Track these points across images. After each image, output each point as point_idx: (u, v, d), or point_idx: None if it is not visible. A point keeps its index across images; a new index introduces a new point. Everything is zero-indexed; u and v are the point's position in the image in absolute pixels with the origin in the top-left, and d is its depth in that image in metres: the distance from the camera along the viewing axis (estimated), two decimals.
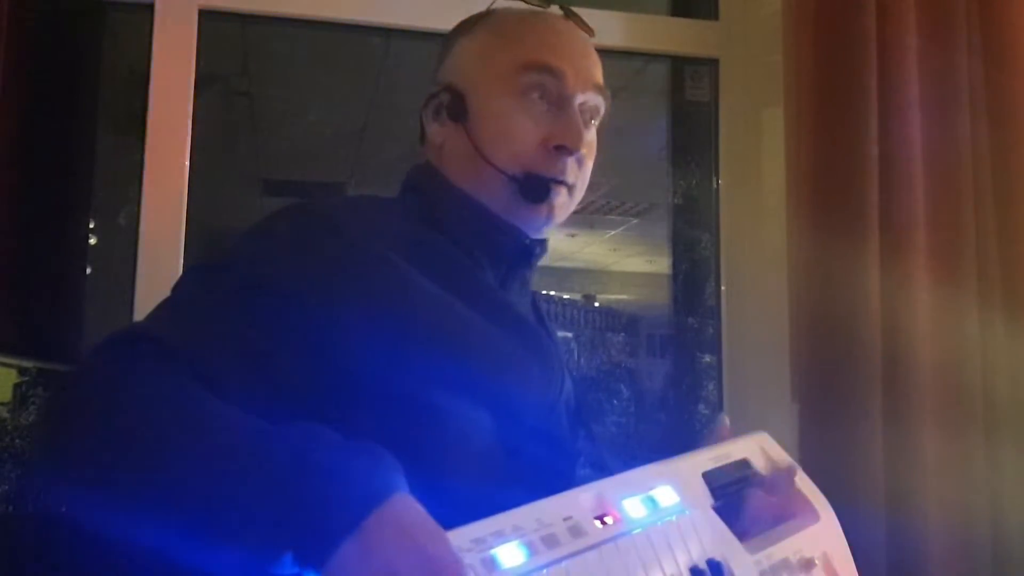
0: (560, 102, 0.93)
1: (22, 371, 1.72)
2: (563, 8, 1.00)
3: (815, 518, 0.87)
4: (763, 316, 1.72)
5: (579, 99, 0.94)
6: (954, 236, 1.49)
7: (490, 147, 0.92)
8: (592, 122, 0.97)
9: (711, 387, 1.88)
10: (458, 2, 1.05)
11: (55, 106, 1.70)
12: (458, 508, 0.62)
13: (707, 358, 1.89)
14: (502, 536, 0.62)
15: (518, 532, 0.62)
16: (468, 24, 1.00)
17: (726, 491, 0.79)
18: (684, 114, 1.93)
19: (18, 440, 1.64)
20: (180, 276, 0.83)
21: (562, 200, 0.94)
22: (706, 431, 0.97)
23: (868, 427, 1.40)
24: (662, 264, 2.01)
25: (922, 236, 1.47)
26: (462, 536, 0.61)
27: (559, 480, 0.75)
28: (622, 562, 0.66)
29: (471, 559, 0.59)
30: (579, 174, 0.95)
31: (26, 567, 1.15)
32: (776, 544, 0.80)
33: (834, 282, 1.45)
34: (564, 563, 0.63)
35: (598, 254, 6.07)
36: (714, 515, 0.76)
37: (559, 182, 0.93)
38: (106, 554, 0.63)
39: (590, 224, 5.15)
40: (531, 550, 0.62)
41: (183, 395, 0.66)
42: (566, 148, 0.92)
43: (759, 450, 0.89)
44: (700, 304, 1.90)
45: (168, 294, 0.81)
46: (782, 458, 0.90)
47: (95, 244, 1.80)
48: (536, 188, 0.92)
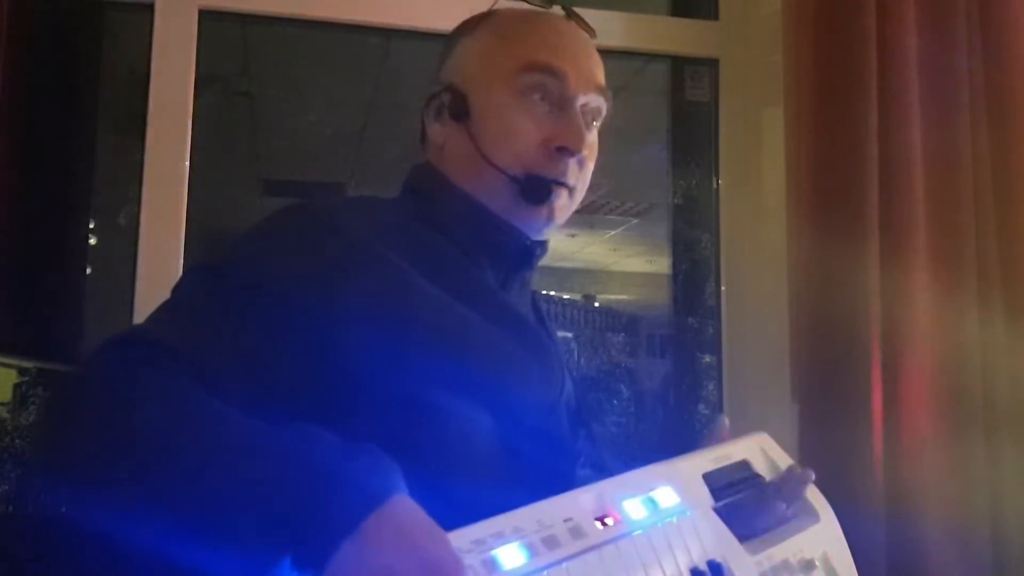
0: (562, 103, 0.92)
1: (22, 371, 1.72)
2: (565, 9, 1.00)
3: (815, 519, 0.87)
4: (763, 316, 1.72)
5: (581, 100, 0.93)
6: (954, 236, 1.49)
7: (491, 147, 0.91)
8: (594, 123, 0.96)
9: (711, 387, 1.88)
10: (458, 2, 1.05)
11: (55, 106, 1.70)
12: (458, 509, 0.62)
13: (707, 358, 1.89)
14: (503, 537, 0.62)
15: (519, 533, 0.63)
16: (470, 24, 1.00)
17: (726, 492, 0.79)
18: (684, 114, 1.93)
19: (18, 440, 1.65)
20: (180, 277, 0.82)
21: (563, 202, 0.94)
22: (706, 431, 0.97)
23: (868, 427, 1.40)
24: (662, 264, 2.01)
25: (922, 236, 1.47)
26: (463, 537, 0.61)
27: (559, 481, 0.75)
28: (622, 563, 0.66)
29: (472, 560, 0.59)
30: (580, 176, 0.95)
31: (26, 567, 1.15)
32: (776, 545, 0.80)
33: (834, 282, 1.45)
34: (564, 564, 0.63)
35: (598, 254, 6.07)
36: (715, 516, 0.76)
37: (560, 184, 0.92)
38: (105, 555, 0.63)
39: (590, 224, 5.15)
40: (532, 551, 0.62)
41: (183, 397, 0.66)
42: (567, 150, 0.91)
43: (759, 451, 0.89)
44: (700, 304, 1.89)
45: (168, 295, 0.81)
46: (783, 459, 0.90)
47: (95, 244, 1.81)
48: (537, 189, 0.91)
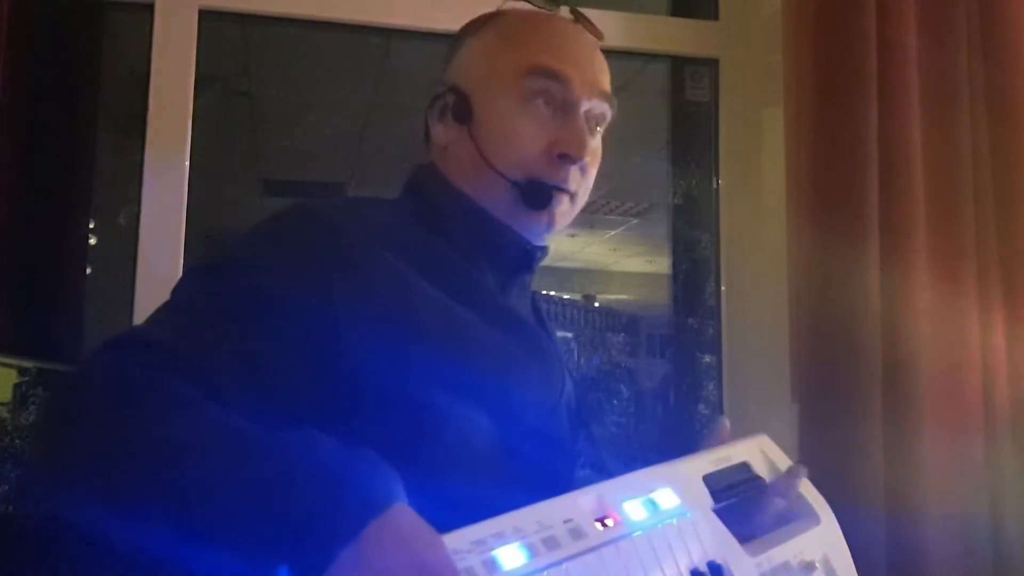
0: (565, 108, 0.91)
1: (22, 371, 1.72)
2: (572, 11, 0.98)
3: (816, 521, 0.87)
4: (763, 316, 1.72)
5: (584, 106, 0.92)
6: (954, 236, 1.49)
7: (493, 151, 0.90)
8: (597, 129, 0.95)
9: (711, 387, 1.88)
10: (459, 2, 1.04)
11: (55, 106, 1.70)
12: (458, 510, 0.62)
13: (707, 358, 1.89)
14: (503, 538, 0.62)
15: (519, 534, 0.63)
16: (476, 24, 0.98)
17: (727, 494, 0.79)
18: (684, 114, 1.93)
19: (18, 440, 1.65)
20: (180, 278, 0.82)
21: (564, 208, 0.93)
22: (706, 431, 0.97)
23: (868, 427, 1.39)
24: (662, 264, 2.01)
25: (922, 236, 1.47)
26: (463, 538, 0.61)
27: (559, 482, 0.75)
28: (623, 564, 0.66)
29: (472, 560, 0.59)
30: (582, 182, 0.94)
31: (26, 567, 1.15)
32: (777, 547, 0.80)
33: (834, 282, 1.45)
34: (564, 565, 0.63)
35: (598, 254, 6.07)
36: (715, 518, 0.76)
37: (561, 190, 0.91)
38: (104, 557, 0.63)
39: (590, 224, 5.15)
40: (532, 552, 0.62)
41: (182, 399, 0.66)
42: (569, 156, 0.90)
43: (759, 453, 0.89)
44: (700, 304, 1.89)
45: (168, 295, 0.81)
46: (782, 461, 0.90)
47: (95, 244, 1.81)
48: (538, 195, 0.90)
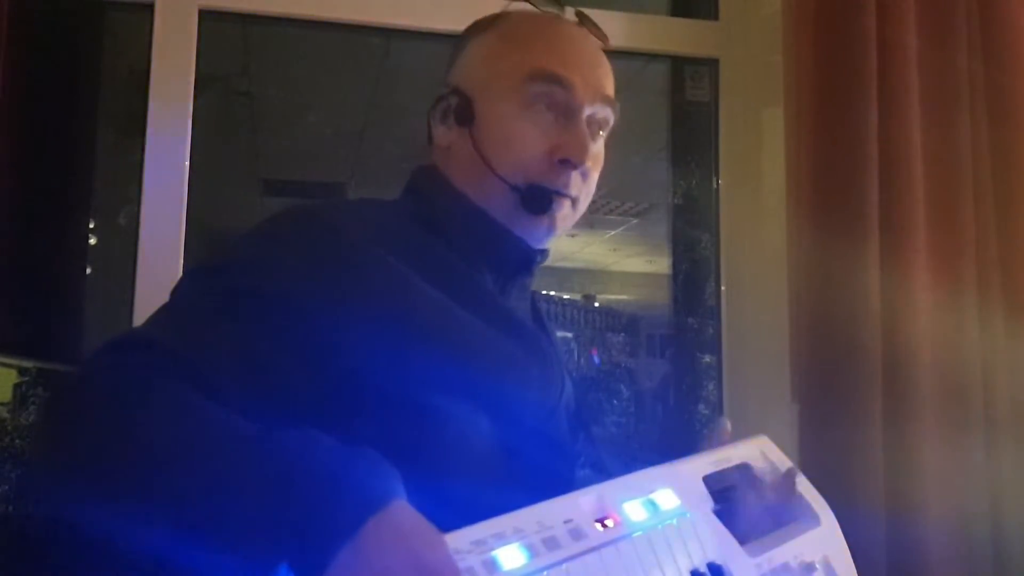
0: (568, 113, 0.90)
1: (22, 371, 1.72)
2: (577, 13, 0.97)
3: (816, 522, 0.87)
4: (763, 316, 1.72)
5: (587, 111, 0.91)
6: (954, 236, 1.49)
7: (494, 155, 0.90)
8: (600, 133, 0.94)
9: (711, 387, 1.88)
10: (458, 2, 1.04)
11: (55, 106, 1.70)
12: (458, 510, 0.62)
13: (707, 358, 1.89)
14: (503, 538, 0.62)
15: (519, 534, 0.63)
16: (480, 26, 0.97)
17: (727, 495, 0.79)
18: (684, 114, 1.93)
19: (18, 440, 1.65)
20: (180, 279, 0.82)
21: (565, 212, 0.92)
22: (706, 432, 0.97)
23: (868, 428, 1.39)
24: (662, 264, 2.01)
25: (922, 236, 1.47)
26: (463, 538, 0.61)
27: (559, 482, 0.75)
28: (622, 565, 0.66)
29: (472, 561, 0.59)
30: (583, 187, 0.93)
31: (26, 567, 1.15)
32: (777, 548, 0.80)
33: (834, 282, 1.45)
34: (564, 565, 0.63)
35: (598, 254, 6.07)
36: (715, 518, 0.76)
37: (562, 195, 0.91)
38: (104, 556, 0.63)
39: (590, 224, 5.15)
40: (532, 552, 0.62)
41: (181, 400, 0.66)
42: (571, 162, 0.90)
43: (760, 454, 0.89)
44: (700, 304, 1.89)
45: (168, 295, 0.81)
46: (783, 461, 0.90)
47: (95, 244, 1.81)
48: (538, 199, 0.90)
